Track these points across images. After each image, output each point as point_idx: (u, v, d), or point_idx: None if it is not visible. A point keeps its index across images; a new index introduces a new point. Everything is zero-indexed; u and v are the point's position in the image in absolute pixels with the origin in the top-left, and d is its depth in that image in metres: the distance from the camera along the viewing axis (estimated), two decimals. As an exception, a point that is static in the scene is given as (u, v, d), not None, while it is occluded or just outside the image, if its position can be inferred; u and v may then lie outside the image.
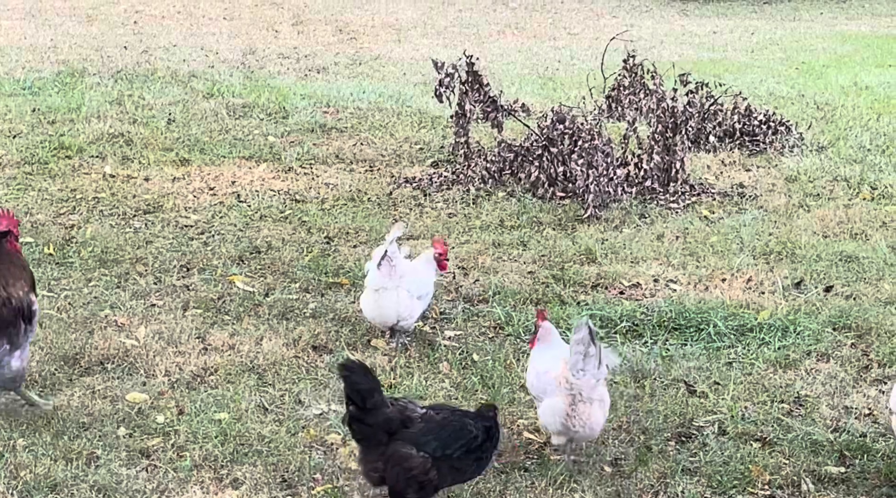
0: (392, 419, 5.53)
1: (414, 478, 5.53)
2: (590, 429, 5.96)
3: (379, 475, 5.60)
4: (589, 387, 5.84)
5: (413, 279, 7.54)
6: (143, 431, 6.39)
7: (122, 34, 19.96)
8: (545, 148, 11.08)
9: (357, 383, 5.48)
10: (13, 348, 6.32)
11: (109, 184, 11.04)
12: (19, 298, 6.30)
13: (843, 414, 6.76)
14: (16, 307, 6.28)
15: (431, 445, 5.53)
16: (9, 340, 6.30)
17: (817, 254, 9.41)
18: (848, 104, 15.10)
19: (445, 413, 5.71)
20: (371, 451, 5.57)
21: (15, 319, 6.29)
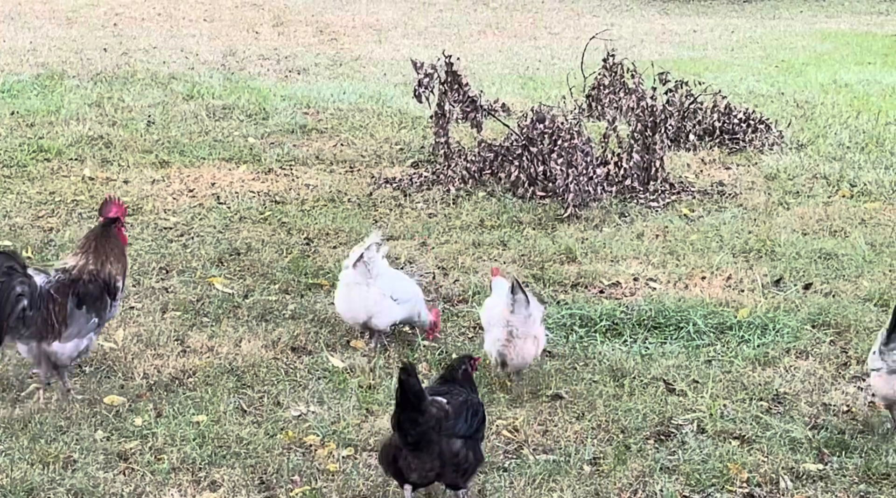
0: (439, 417, 5.53)
1: (461, 466, 5.61)
2: (521, 359, 6.89)
3: (435, 473, 5.60)
4: (521, 323, 6.80)
5: (389, 281, 7.52)
6: (120, 434, 6.36)
7: (101, 36, 19.91)
8: (525, 147, 11.08)
9: (414, 386, 5.46)
10: (100, 323, 6.76)
11: (88, 186, 11.00)
12: (107, 272, 6.73)
13: (822, 411, 6.77)
14: (105, 283, 6.71)
15: (462, 429, 5.61)
16: (97, 314, 6.69)
17: (797, 251, 9.42)
18: (827, 102, 15.13)
19: (457, 394, 5.71)
20: (426, 452, 5.54)
21: (102, 294, 6.70)
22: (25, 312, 6.48)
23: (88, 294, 6.66)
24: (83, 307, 6.64)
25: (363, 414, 6.66)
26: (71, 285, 6.65)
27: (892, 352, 6.31)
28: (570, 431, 6.48)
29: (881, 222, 10.23)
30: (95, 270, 6.71)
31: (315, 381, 7.05)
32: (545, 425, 6.56)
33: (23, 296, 6.47)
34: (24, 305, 6.47)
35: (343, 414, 6.64)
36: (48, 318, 6.55)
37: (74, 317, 6.62)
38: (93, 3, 24.02)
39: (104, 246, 6.78)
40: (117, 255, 6.80)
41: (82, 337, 6.67)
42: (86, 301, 6.65)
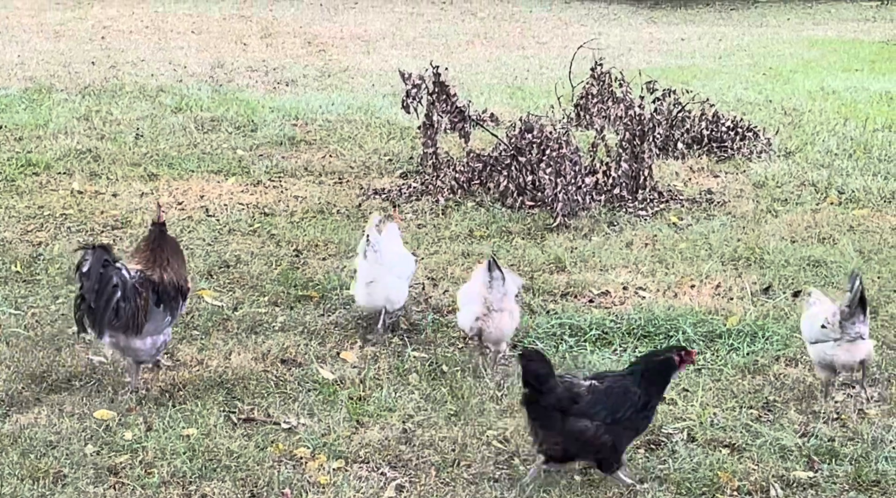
0: (562, 398, 5.95)
1: (591, 445, 5.94)
2: (498, 331, 7.36)
3: (561, 448, 5.98)
4: (497, 299, 7.26)
5: (397, 263, 8.04)
6: (110, 449, 6.35)
7: (89, 50, 19.91)
8: (514, 157, 11.09)
9: (536, 370, 5.95)
10: (173, 320, 7.09)
11: (77, 200, 11.00)
12: (182, 276, 7.15)
13: (812, 419, 6.77)
14: (178, 284, 7.09)
15: (602, 414, 5.95)
16: (171, 313, 7.04)
17: (785, 259, 9.44)
18: (815, 109, 15.15)
19: (609, 381, 6.08)
20: (549, 428, 5.97)
21: (177, 294, 7.07)
22: (119, 303, 6.79)
23: (166, 293, 7.02)
24: (161, 305, 6.97)
25: (353, 426, 6.66)
26: (150, 283, 6.97)
27: (854, 324, 6.79)
28: (561, 441, 6.48)
29: (869, 229, 10.25)
30: (167, 274, 7.06)
31: (305, 393, 7.05)
32: (536, 435, 6.56)
33: (118, 287, 6.79)
34: (118, 297, 6.79)
35: (333, 426, 6.64)
36: (136, 311, 6.86)
37: (153, 313, 6.94)
38: (80, 16, 24.03)
39: (171, 249, 7.21)
40: (182, 258, 7.23)
41: (158, 333, 6.97)
42: (163, 299, 7.00)
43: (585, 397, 5.97)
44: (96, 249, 6.82)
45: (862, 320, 6.82)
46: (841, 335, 6.83)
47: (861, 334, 6.83)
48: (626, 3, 28.07)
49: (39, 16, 24.02)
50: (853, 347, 6.83)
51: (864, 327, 6.84)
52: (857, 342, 6.83)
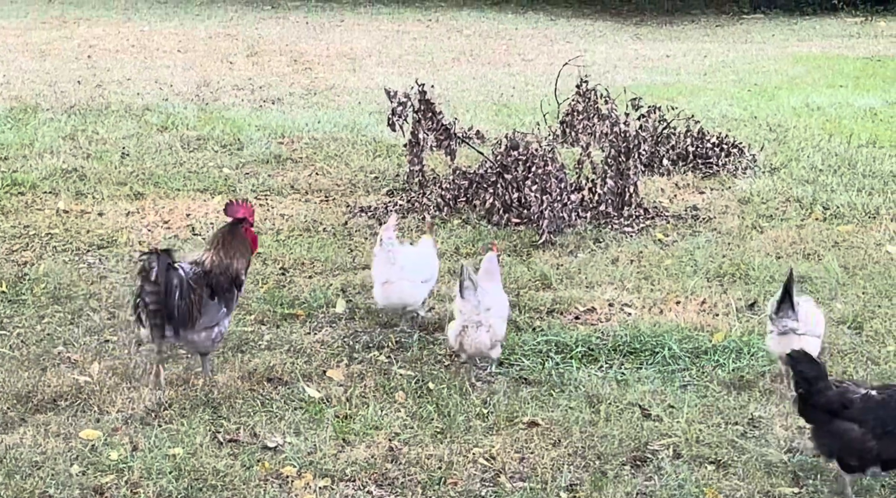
0: (832, 401, 6.16)
1: (853, 448, 6.10)
2: (474, 347, 7.42)
3: (828, 448, 6.18)
4: (471, 311, 7.36)
5: (415, 267, 8.36)
6: (96, 469, 6.34)
7: (75, 69, 19.89)
8: (499, 175, 11.10)
9: (803, 372, 6.19)
10: (228, 312, 7.43)
11: (63, 219, 10.99)
12: (236, 269, 7.42)
13: (797, 434, 6.78)
14: (231, 277, 7.39)
15: (870, 422, 6.09)
16: (226, 304, 7.39)
17: (770, 275, 9.46)
18: (800, 125, 15.19)
19: (888, 393, 6.21)
20: (819, 428, 6.21)
21: (231, 286, 7.39)
22: (177, 303, 7.22)
23: (220, 286, 7.36)
24: (215, 298, 7.34)
25: (340, 444, 6.66)
26: (205, 277, 7.33)
27: (782, 318, 7.29)
28: (547, 458, 6.49)
29: (854, 245, 10.27)
30: (224, 265, 7.39)
31: (291, 411, 7.05)
32: (522, 452, 6.57)
33: (177, 287, 7.20)
34: (177, 297, 7.22)
35: (319, 444, 6.64)
36: (190, 307, 7.25)
37: (208, 307, 7.31)
38: (66, 35, 24.01)
39: (231, 243, 7.47)
40: (242, 251, 7.48)
41: (213, 325, 7.33)
42: (217, 292, 7.35)
43: (857, 404, 6.14)
44: (160, 254, 7.21)
45: (791, 315, 7.29)
46: (774, 328, 7.35)
47: (791, 328, 7.28)
48: (611, 20, 28.14)
49: (25, 35, 23.99)
50: (783, 340, 7.25)
51: (794, 323, 7.28)
52: (789, 335, 7.26)
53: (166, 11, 28.66)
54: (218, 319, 7.38)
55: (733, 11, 29.09)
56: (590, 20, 28.04)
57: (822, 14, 28.21)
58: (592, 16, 28.89)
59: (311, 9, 29.82)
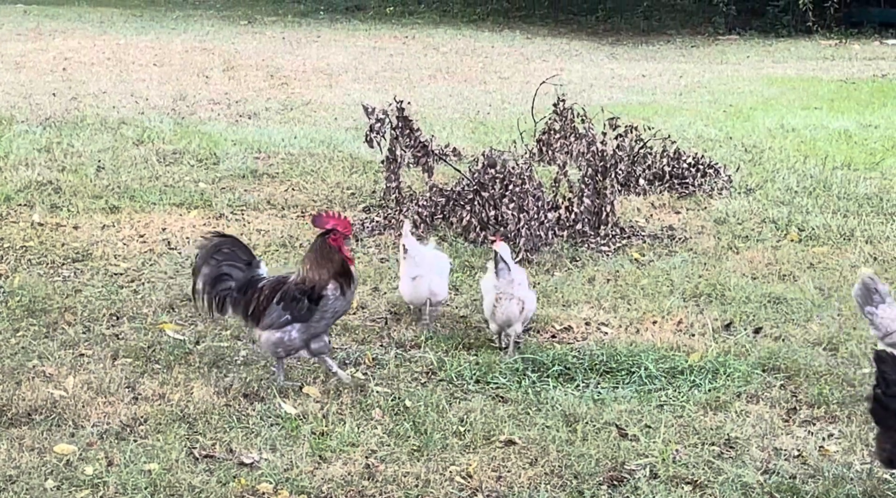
0: None
1: None
2: (505, 316, 8.22)
3: (887, 456, 6.15)
4: (506, 286, 8.18)
5: (439, 263, 8.91)
6: (71, 484, 6.31)
7: (50, 81, 19.84)
8: (476, 192, 11.10)
9: (886, 373, 6.15)
10: (294, 320, 7.51)
11: (38, 232, 10.95)
12: (312, 280, 7.52)
13: (773, 456, 6.79)
14: (305, 287, 7.52)
15: None
16: (290, 313, 7.49)
17: (746, 295, 9.48)
18: (775, 146, 15.25)
19: None
20: (885, 433, 6.16)
21: (301, 296, 7.49)
22: (232, 294, 7.61)
23: (287, 292, 7.53)
24: (280, 303, 7.51)
25: (316, 461, 6.64)
26: (280, 284, 7.58)
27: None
28: (524, 477, 6.48)
29: (829, 266, 10.31)
30: (303, 276, 7.55)
31: (268, 427, 7.02)
32: (498, 471, 6.56)
33: (230, 278, 7.62)
34: (229, 286, 7.62)
35: (296, 461, 6.61)
36: (249, 305, 7.55)
37: (270, 309, 7.51)
38: (42, 47, 23.94)
39: (309, 257, 7.63)
40: (321, 263, 7.54)
41: (275, 329, 7.51)
42: (283, 298, 7.52)
43: None
44: (219, 238, 7.77)
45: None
46: None
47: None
48: (587, 39, 28.21)
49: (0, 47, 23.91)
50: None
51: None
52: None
53: (142, 25, 28.61)
54: (277, 324, 7.50)
55: (708, 32, 29.19)
56: (566, 39, 28.11)
57: (796, 36, 28.34)
58: (568, 34, 28.96)
59: (287, 24, 29.82)
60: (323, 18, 31.29)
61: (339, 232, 7.58)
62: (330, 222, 7.59)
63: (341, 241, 7.58)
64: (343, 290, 7.56)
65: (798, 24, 28.82)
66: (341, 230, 7.59)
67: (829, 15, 28.55)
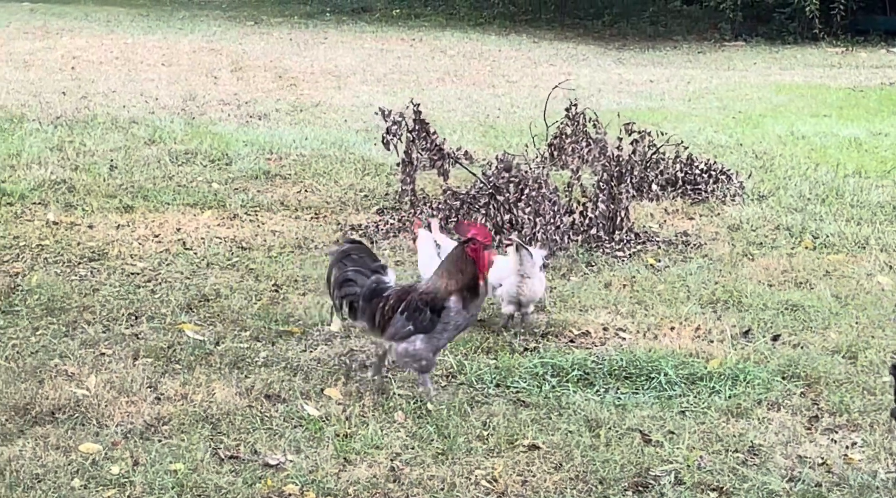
0: None
1: None
2: (532, 293, 8.70)
3: None
4: (529, 268, 8.61)
5: None
6: (97, 483, 6.31)
7: (59, 80, 19.85)
8: (491, 196, 11.11)
9: None
10: (417, 331, 7.36)
11: (53, 231, 10.96)
12: (436, 289, 7.36)
13: (797, 463, 6.79)
14: (427, 298, 7.37)
15: None
16: (413, 323, 7.36)
17: (763, 303, 9.48)
18: (786, 154, 15.25)
19: None
20: None
21: (424, 307, 7.34)
22: (357, 300, 7.52)
23: (410, 302, 7.38)
24: (404, 314, 7.37)
25: (341, 463, 6.64)
26: (406, 293, 7.45)
27: None
28: (549, 482, 6.48)
29: (845, 275, 10.31)
30: (429, 286, 7.44)
31: (291, 429, 7.03)
32: (524, 475, 6.56)
33: (354, 283, 7.52)
34: (354, 291, 7.52)
35: (321, 463, 6.61)
36: (375, 313, 7.45)
37: (394, 320, 7.40)
38: (49, 46, 23.95)
39: (443, 265, 7.51)
40: (453, 273, 7.37)
41: (398, 339, 7.41)
42: (407, 308, 7.38)
43: None
44: (349, 244, 7.79)
45: None
46: None
47: None
48: (593, 44, 28.20)
49: (8, 45, 23.92)
50: None
51: None
52: None
53: (148, 24, 28.62)
54: (401, 334, 7.38)
55: (715, 38, 29.17)
56: (572, 43, 28.10)
57: (802, 43, 28.32)
58: (575, 39, 28.95)
59: (294, 25, 29.81)
60: (329, 20, 31.29)
61: (478, 242, 7.33)
62: (471, 231, 7.39)
63: (480, 252, 7.34)
64: (465, 304, 7.36)
65: (804, 32, 28.80)
66: (481, 240, 7.35)
67: (835, 22, 28.52)
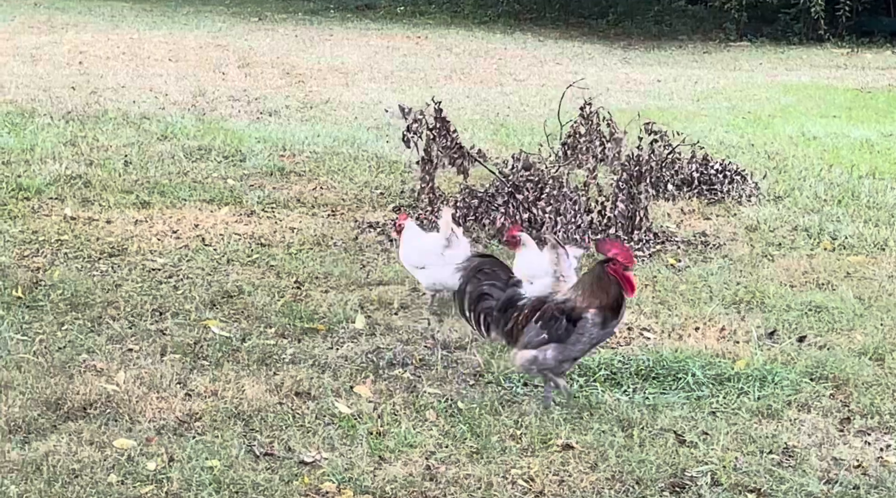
0: None
1: None
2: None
3: None
4: (566, 269, 8.45)
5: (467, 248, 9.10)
6: (134, 479, 6.29)
7: (68, 74, 19.81)
8: (511, 194, 11.10)
9: None
10: (550, 340, 7.26)
11: (71, 226, 10.94)
12: (574, 303, 7.25)
13: (833, 466, 6.78)
14: (565, 308, 7.27)
15: None
16: (548, 332, 7.26)
17: (787, 304, 9.47)
18: (798, 154, 15.24)
19: None
20: None
21: (560, 315, 7.24)
22: (492, 312, 7.46)
23: (545, 311, 7.29)
24: (538, 322, 7.28)
25: (376, 461, 6.62)
26: (541, 303, 7.35)
27: None
28: (586, 482, 6.47)
29: (867, 276, 10.30)
30: (567, 297, 7.32)
31: (324, 427, 7.01)
32: (560, 475, 6.54)
33: (490, 297, 7.49)
34: (490, 306, 7.48)
35: (356, 460, 6.60)
36: (508, 323, 7.40)
37: (528, 328, 7.32)
38: (55, 40, 23.91)
39: (584, 281, 7.38)
40: (593, 290, 7.23)
41: (531, 348, 7.30)
42: (542, 317, 7.29)
43: None
44: (479, 257, 7.85)
45: None
46: None
47: None
48: (598, 43, 28.18)
49: (14, 39, 23.89)
50: None
51: None
52: None
53: (153, 19, 28.57)
54: (534, 343, 7.27)
55: (720, 38, 29.15)
56: (577, 42, 28.08)
57: (808, 44, 28.31)
58: (580, 38, 28.93)
59: (298, 22, 29.77)
60: (333, 17, 31.25)
61: (619, 262, 7.16)
62: (612, 250, 7.21)
63: (620, 272, 7.16)
64: (606, 321, 7.23)
65: (809, 32, 28.79)
66: (622, 260, 7.16)
67: (840, 23, 28.54)
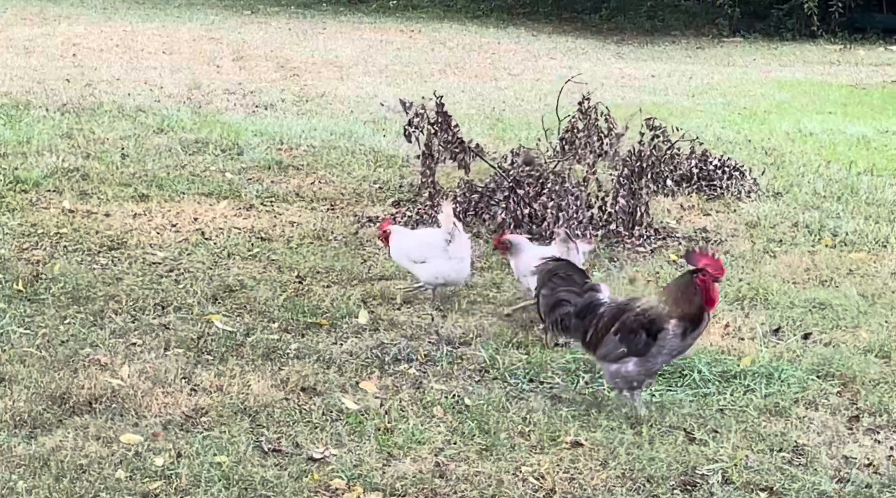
0: None
1: None
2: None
3: None
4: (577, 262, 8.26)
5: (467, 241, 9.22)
6: (142, 475, 6.24)
7: (62, 67, 19.73)
8: (512, 189, 11.06)
9: None
10: (629, 353, 7.15)
11: (70, 219, 10.88)
12: (654, 313, 7.12)
13: (844, 464, 6.75)
14: (644, 320, 7.13)
15: None
16: (627, 345, 7.15)
17: (790, 300, 9.44)
18: (795, 150, 15.21)
19: None
20: None
21: (639, 329, 7.12)
22: (570, 318, 7.40)
23: (624, 323, 7.16)
24: (617, 335, 7.17)
25: (385, 457, 6.58)
26: (621, 312, 7.22)
27: None
28: (597, 479, 6.44)
29: (869, 273, 10.28)
30: (646, 307, 7.18)
31: (331, 423, 6.97)
32: (570, 473, 6.51)
33: (567, 303, 7.40)
34: (567, 311, 7.40)
35: (364, 457, 6.56)
36: (587, 332, 7.31)
37: (607, 339, 7.22)
38: (48, 32, 23.82)
39: (669, 289, 7.24)
40: (677, 301, 7.08)
41: (609, 360, 7.22)
42: (621, 329, 7.17)
43: None
44: (554, 262, 7.67)
45: None
46: None
47: None
48: (592, 38, 28.12)
49: (6, 31, 23.80)
50: None
51: None
52: None
53: (145, 12, 28.47)
54: (613, 355, 7.19)
55: (713, 34, 29.12)
56: (571, 37, 28.03)
57: (800, 40, 28.29)
58: (573, 33, 28.88)
59: (291, 15, 29.68)
60: (326, 10, 31.17)
61: (708, 273, 7.02)
62: (702, 261, 7.06)
63: (709, 283, 7.02)
64: (686, 332, 7.10)
65: (802, 29, 28.78)
66: (711, 272, 7.03)
67: (833, 20, 28.53)
